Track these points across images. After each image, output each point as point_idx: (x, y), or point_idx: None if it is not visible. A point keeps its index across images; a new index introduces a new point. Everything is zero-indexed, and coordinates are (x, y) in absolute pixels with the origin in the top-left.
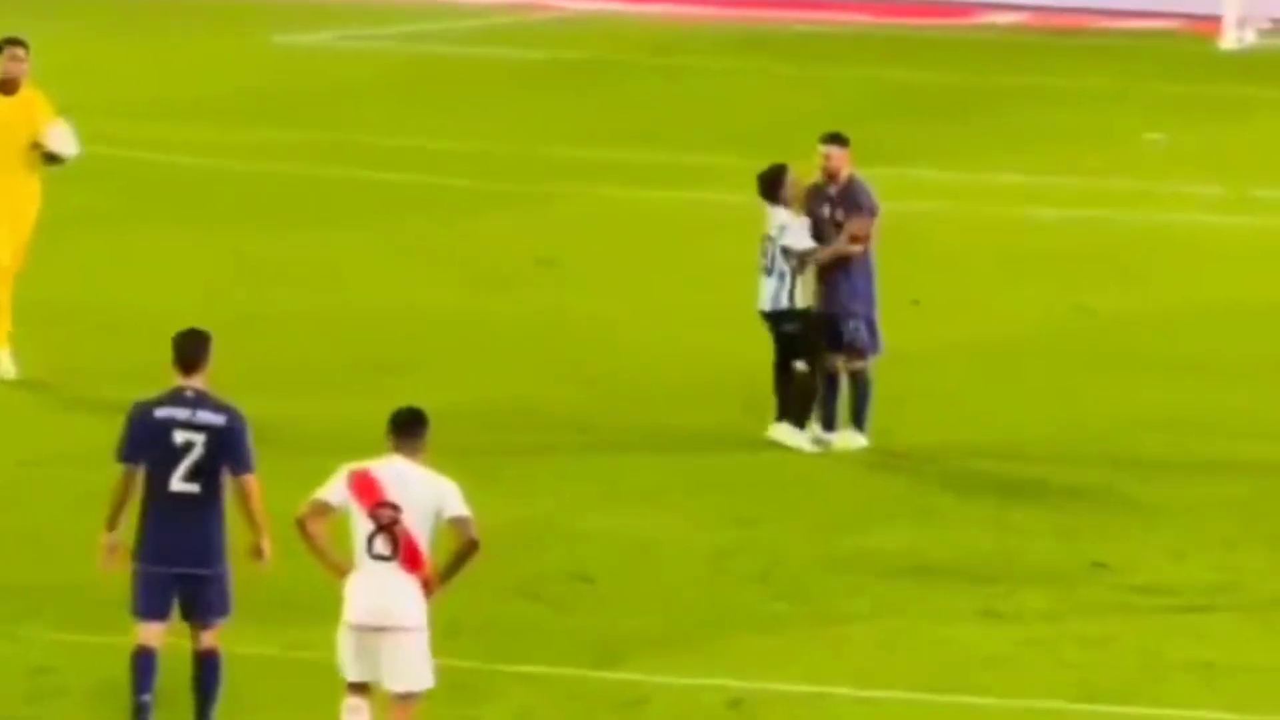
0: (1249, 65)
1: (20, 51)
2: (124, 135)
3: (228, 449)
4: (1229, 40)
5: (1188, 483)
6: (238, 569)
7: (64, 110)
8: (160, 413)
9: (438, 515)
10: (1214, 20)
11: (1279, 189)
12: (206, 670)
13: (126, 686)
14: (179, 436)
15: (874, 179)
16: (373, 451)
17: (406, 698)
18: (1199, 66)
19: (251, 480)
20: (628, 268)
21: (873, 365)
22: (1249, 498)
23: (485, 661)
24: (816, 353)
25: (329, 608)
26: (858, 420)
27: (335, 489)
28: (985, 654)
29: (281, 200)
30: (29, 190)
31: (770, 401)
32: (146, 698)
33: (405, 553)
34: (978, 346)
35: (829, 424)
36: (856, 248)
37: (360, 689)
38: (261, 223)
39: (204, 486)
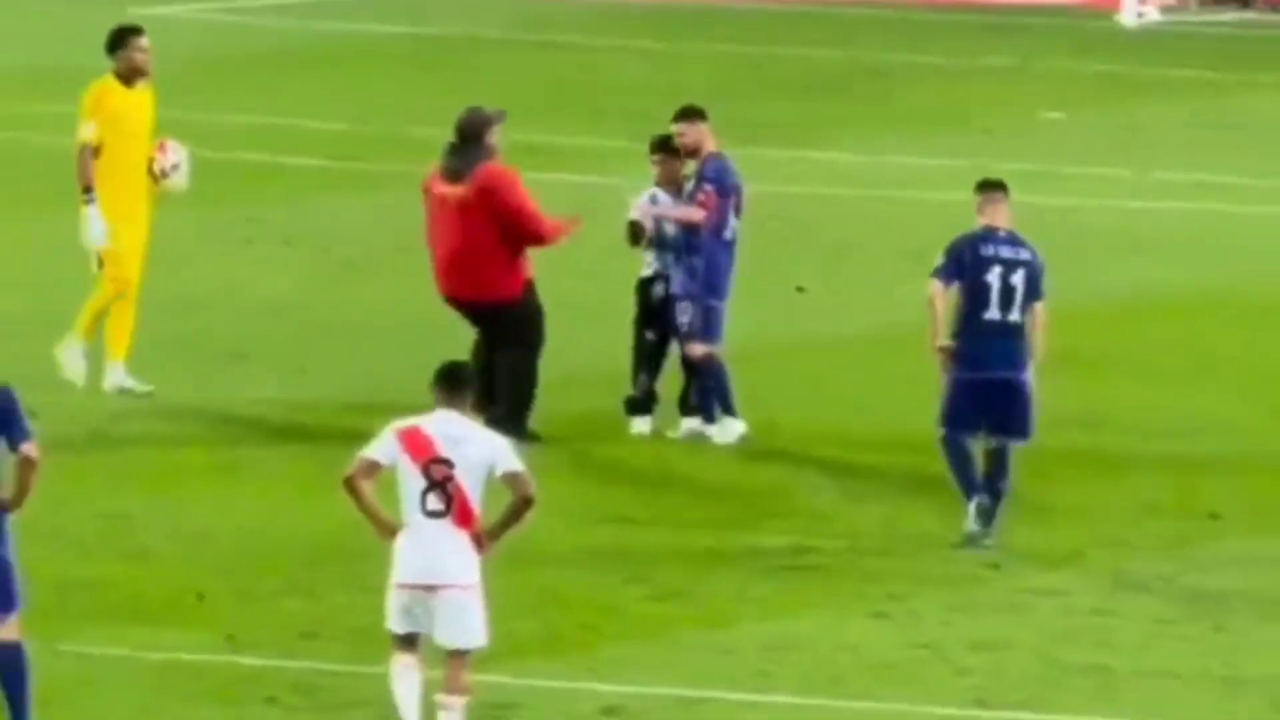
0: (1150, 42)
1: (145, 41)
2: None
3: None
4: (1129, 16)
5: (1085, 481)
6: (100, 572)
7: None
8: None
9: (490, 471)
10: None
11: (1184, 171)
12: (4, 664)
13: None
14: None
15: (763, 162)
16: (230, 430)
17: (461, 655)
18: (1099, 44)
19: (30, 448)
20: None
21: (720, 353)
22: (1149, 497)
23: (348, 664)
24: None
25: (176, 613)
26: (704, 411)
27: (384, 447)
28: (876, 658)
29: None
30: (147, 193)
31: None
32: None
33: (458, 509)
34: (867, 336)
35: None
36: (697, 214)
37: (410, 645)
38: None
39: None
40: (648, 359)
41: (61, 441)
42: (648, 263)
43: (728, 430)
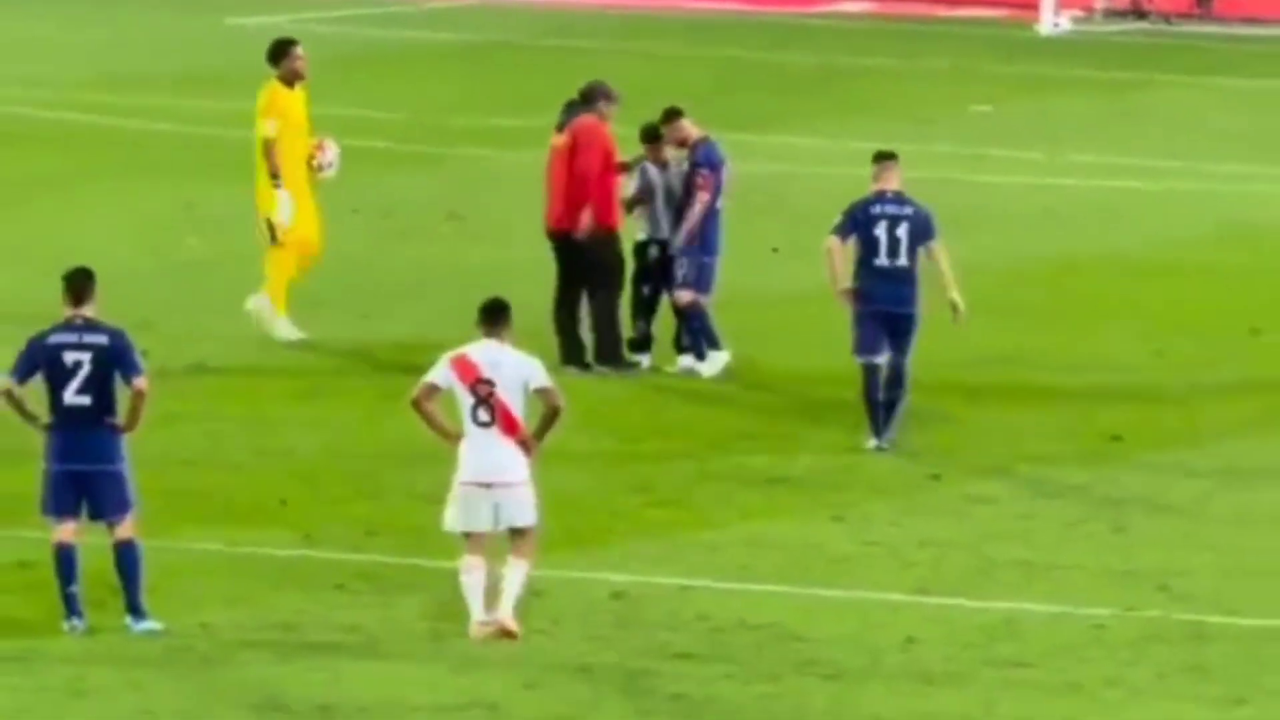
0: (1063, 47)
1: (301, 50)
2: (85, 102)
3: (115, 363)
4: (1046, 26)
5: (1012, 408)
6: (199, 482)
7: (34, 82)
8: (52, 339)
9: (526, 387)
10: (1033, 8)
11: (1092, 154)
12: (120, 556)
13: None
14: (69, 357)
15: (742, 143)
16: (309, 362)
17: (523, 532)
18: (1020, 48)
19: (141, 382)
20: (524, 222)
21: (706, 303)
22: (1063, 419)
23: (404, 556)
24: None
25: (262, 515)
26: (695, 349)
27: (440, 372)
28: (835, 553)
29: (231, 158)
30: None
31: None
32: (74, 588)
33: (502, 419)
34: (829, 289)
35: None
36: (704, 200)
37: (475, 546)
38: (211, 177)
39: (94, 398)
40: (643, 308)
41: (169, 373)
42: (642, 229)
43: (715, 363)
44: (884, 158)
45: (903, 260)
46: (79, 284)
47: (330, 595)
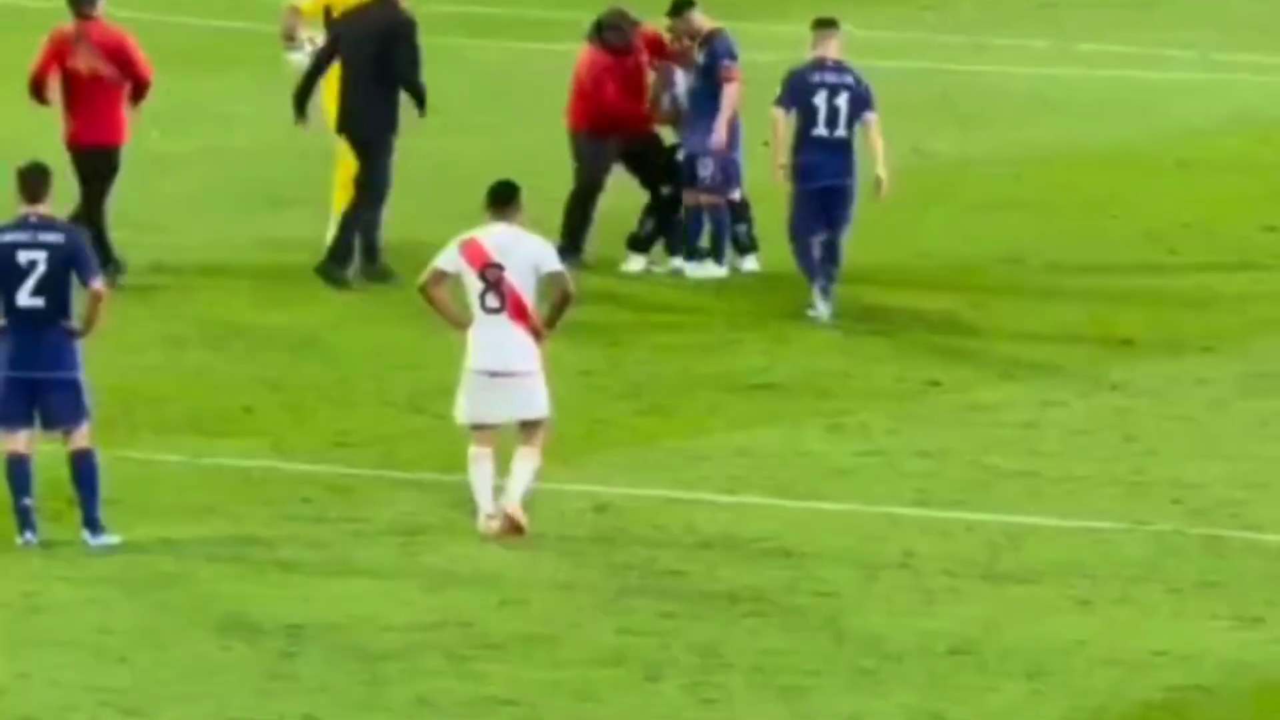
0: None
1: None
2: None
3: (70, 263)
4: None
5: (1017, 311)
6: (160, 389)
7: None
8: (5, 237)
9: (536, 271)
10: None
11: (1100, 43)
12: (77, 467)
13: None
14: (23, 256)
15: (736, 34)
16: (275, 260)
17: (533, 425)
18: None
19: (99, 284)
20: (502, 115)
21: (722, 203)
22: (1069, 322)
23: (375, 469)
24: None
25: (227, 424)
26: (716, 254)
27: (448, 257)
28: (831, 464)
29: (193, 48)
30: None
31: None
32: (28, 501)
33: (512, 305)
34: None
35: (681, 252)
36: (733, 94)
37: (483, 438)
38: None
39: (49, 300)
40: (659, 210)
41: (127, 273)
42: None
43: (707, 270)
44: (823, 24)
45: (841, 131)
46: (34, 180)
47: (298, 508)
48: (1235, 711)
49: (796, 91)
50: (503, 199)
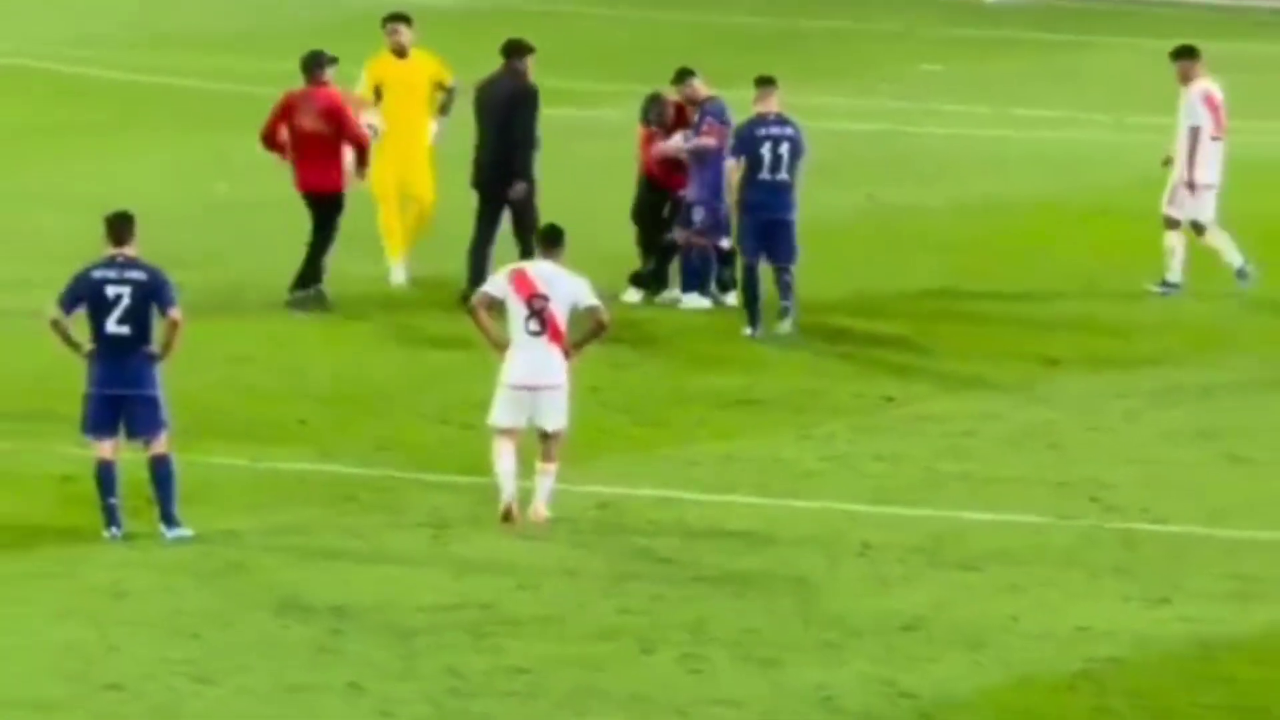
0: (1006, 12)
1: (401, 26)
2: (132, 61)
3: (151, 297)
4: None
5: (959, 336)
6: (226, 402)
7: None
8: (95, 274)
9: (574, 304)
10: None
11: (1031, 108)
12: (156, 471)
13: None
14: (110, 291)
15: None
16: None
17: (555, 435)
18: (967, 13)
19: (175, 314)
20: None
21: (710, 245)
22: (1004, 345)
23: (410, 472)
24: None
25: (282, 433)
26: (704, 288)
27: (498, 284)
28: (802, 468)
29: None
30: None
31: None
32: (113, 500)
33: (551, 330)
34: (799, 228)
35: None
36: (709, 141)
37: (508, 434)
38: (240, 130)
39: (133, 328)
40: (661, 251)
41: (199, 306)
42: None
43: (695, 302)
44: (764, 83)
45: (783, 174)
46: (120, 226)
47: (342, 505)
48: (1145, 679)
49: (745, 142)
50: (551, 239)
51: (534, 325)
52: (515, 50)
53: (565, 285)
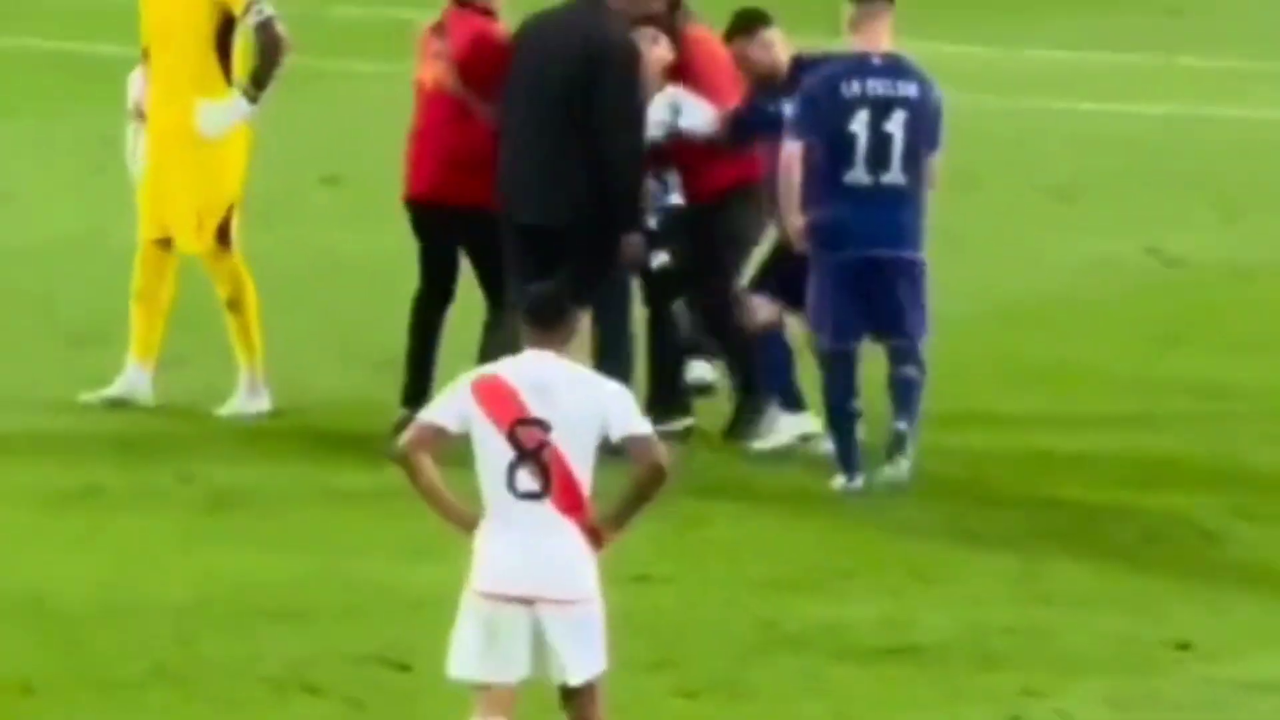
0: None
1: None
2: None
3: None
4: None
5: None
6: None
7: None
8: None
9: (601, 432)
10: None
11: None
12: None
13: None
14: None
15: None
16: None
17: (584, 692)
18: None
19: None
20: None
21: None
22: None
23: None
24: None
25: None
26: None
27: (451, 406)
28: None
29: None
30: None
31: None
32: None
33: (560, 487)
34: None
35: None
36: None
37: (494, 704)
38: None
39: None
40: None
41: None
42: None
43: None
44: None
45: (894, 174)
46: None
47: None
48: None
49: (821, 112)
50: (545, 315)
51: (527, 480)
52: None
53: (579, 398)
